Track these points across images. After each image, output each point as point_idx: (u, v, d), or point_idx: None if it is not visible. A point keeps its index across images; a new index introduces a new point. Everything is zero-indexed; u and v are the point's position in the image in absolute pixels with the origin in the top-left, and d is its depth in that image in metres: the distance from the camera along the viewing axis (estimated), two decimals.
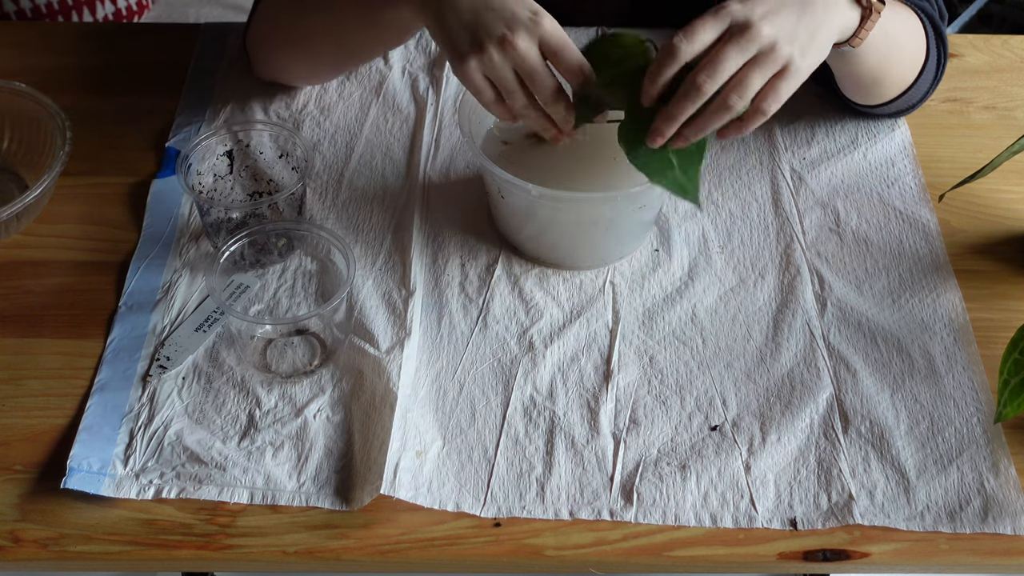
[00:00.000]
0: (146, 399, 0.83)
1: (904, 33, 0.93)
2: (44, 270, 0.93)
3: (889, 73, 0.95)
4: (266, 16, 1.02)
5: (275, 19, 1.02)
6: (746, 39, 0.75)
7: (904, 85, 0.98)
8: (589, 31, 1.16)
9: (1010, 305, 0.91)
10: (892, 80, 0.97)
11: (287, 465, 0.79)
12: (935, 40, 0.98)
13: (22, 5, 1.63)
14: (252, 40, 1.05)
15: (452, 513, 0.77)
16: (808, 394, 0.83)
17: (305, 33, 0.99)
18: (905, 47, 0.94)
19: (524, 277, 0.92)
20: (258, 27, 1.03)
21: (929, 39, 0.97)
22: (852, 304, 0.90)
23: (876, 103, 1.00)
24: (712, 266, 0.93)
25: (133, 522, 0.76)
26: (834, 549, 0.75)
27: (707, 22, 0.77)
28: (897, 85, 0.98)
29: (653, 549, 0.75)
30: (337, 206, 0.98)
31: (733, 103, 0.76)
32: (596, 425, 0.81)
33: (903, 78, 0.97)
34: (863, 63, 0.91)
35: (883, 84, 0.97)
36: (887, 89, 0.98)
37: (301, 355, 0.86)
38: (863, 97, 1.00)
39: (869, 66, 0.92)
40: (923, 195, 0.99)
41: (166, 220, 0.96)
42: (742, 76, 0.76)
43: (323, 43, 0.98)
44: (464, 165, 1.02)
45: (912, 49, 0.95)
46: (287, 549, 0.75)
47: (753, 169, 1.01)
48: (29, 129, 0.99)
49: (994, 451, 0.80)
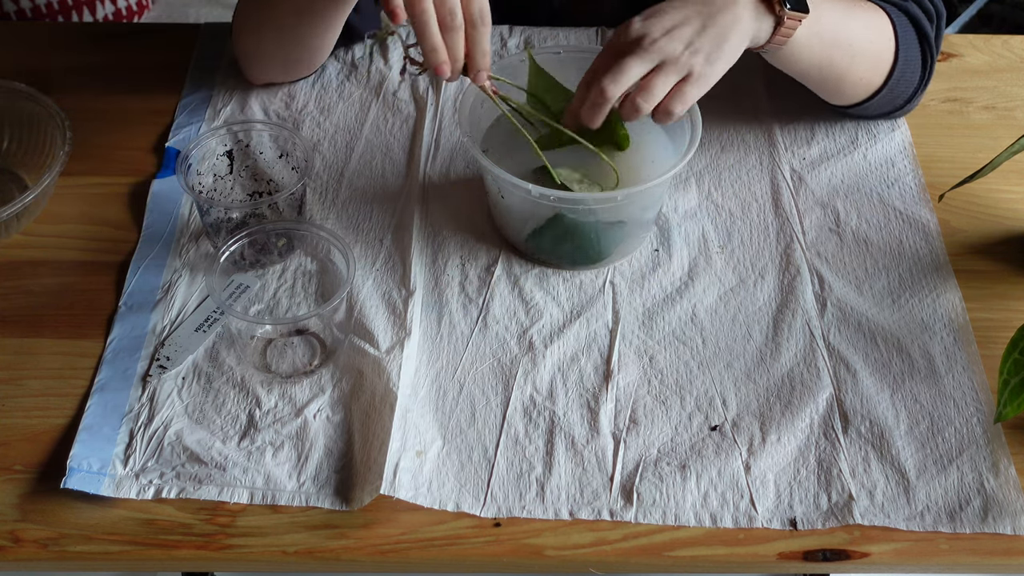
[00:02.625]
0: (146, 399, 0.83)
1: (854, 35, 0.94)
2: (44, 270, 0.93)
3: (841, 75, 0.96)
4: (236, 22, 1.05)
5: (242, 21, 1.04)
6: (646, 51, 0.82)
7: (869, 86, 0.98)
8: (589, 31, 1.16)
9: (1010, 305, 0.91)
10: (851, 81, 0.97)
11: (287, 465, 0.79)
12: (916, 41, 0.98)
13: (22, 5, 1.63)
14: (235, 46, 1.06)
15: (452, 513, 0.77)
16: (808, 394, 0.83)
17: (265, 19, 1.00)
18: (858, 49, 0.94)
19: (524, 277, 0.92)
20: (234, 33, 1.05)
21: (903, 37, 0.96)
22: (852, 304, 0.90)
23: (847, 104, 1.01)
24: (712, 266, 0.93)
25: (133, 522, 0.76)
26: (834, 549, 0.75)
27: (607, 50, 0.85)
28: (860, 86, 0.98)
29: (653, 549, 0.75)
30: (337, 206, 0.98)
31: (639, 106, 0.83)
32: (596, 425, 0.81)
33: (864, 79, 0.97)
34: (796, 65, 0.93)
35: (841, 84, 0.97)
36: (850, 89, 0.98)
37: (301, 355, 0.86)
38: (829, 98, 1.00)
39: (806, 67, 0.94)
40: (923, 195, 0.99)
41: (166, 220, 0.96)
42: (646, 82, 0.83)
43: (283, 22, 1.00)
44: (464, 165, 1.02)
45: (872, 50, 0.95)
46: (287, 549, 0.75)
47: (753, 169, 1.01)
48: (29, 129, 0.99)
49: (994, 451, 0.80)
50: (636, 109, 0.84)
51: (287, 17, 0.98)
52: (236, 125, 0.97)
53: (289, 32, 1.00)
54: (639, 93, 0.83)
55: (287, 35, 1.01)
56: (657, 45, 0.82)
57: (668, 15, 0.84)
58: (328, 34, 1.01)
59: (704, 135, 0.88)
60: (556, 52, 0.95)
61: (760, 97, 1.08)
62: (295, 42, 1.02)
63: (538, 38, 1.15)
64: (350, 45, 1.13)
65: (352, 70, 1.11)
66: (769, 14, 0.86)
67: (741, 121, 1.05)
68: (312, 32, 1.00)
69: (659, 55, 0.82)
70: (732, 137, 1.04)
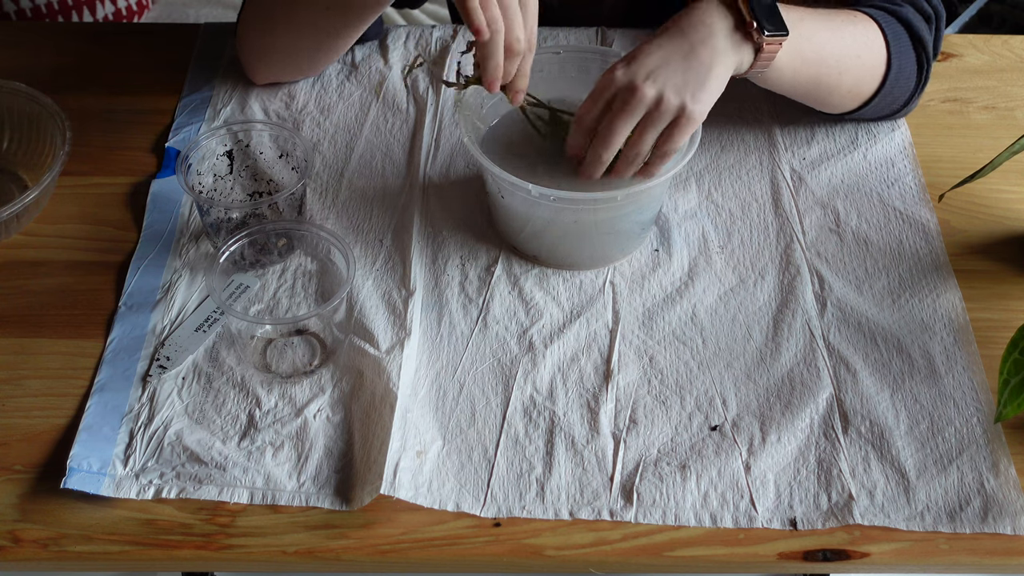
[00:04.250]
0: (146, 399, 0.83)
1: (841, 51, 0.93)
2: (44, 270, 0.93)
3: (830, 90, 0.96)
4: (246, 18, 1.04)
5: (253, 18, 1.03)
6: (632, 105, 0.83)
7: (862, 94, 0.98)
8: (589, 31, 1.16)
9: (1010, 305, 0.91)
10: (841, 94, 0.97)
11: (287, 465, 0.79)
12: (911, 45, 0.98)
13: (22, 5, 1.63)
14: (239, 45, 1.06)
15: (452, 513, 0.77)
16: (808, 394, 0.83)
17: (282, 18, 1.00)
18: (845, 65, 0.94)
19: (524, 277, 0.92)
20: (241, 31, 1.05)
21: (895, 46, 0.96)
22: (852, 304, 0.90)
23: (844, 111, 1.01)
24: (712, 266, 0.93)
25: (133, 522, 0.76)
26: (834, 549, 0.75)
27: (594, 97, 0.85)
28: (850, 98, 0.98)
29: (653, 549, 0.75)
30: (337, 206, 0.98)
31: (632, 158, 0.86)
32: (596, 425, 0.81)
33: (854, 92, 0.97)
34: (782, 85, 0.94)
35: (831, 97, 0.97)
36: (840, 100, 0.98)
37: (301, 355, 0.86)
38: (821, 109, 1.01)
39: (792, 86, 0.94)
40: (923, 195, 0.99)
41: (166, 220, 0.96)
42: (637, 136, 0.84)
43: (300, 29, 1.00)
44: (464, 165, 1.02)
45: (860, 64, 0.95)
46: (287, 549, 0.75)
47: (753, 169, 1.01)
48: (29, 129, 0.99)
49: (994, 451, 0.80)
50: (630, 162, 0.86)
51: (315, 16, 0.98)
52: (236, 125, 0.97)
53: (309, 30, 1.00)
54: (631, 147, 0.85)
55: (306, 34, 1.01)
56: (640, 96, 0.82)
57: (649, 57, 0.84)
58: (352, 35, 1.01)
59: (704, 135, 0.88)
60: (556, 52, 0.95)
61: (760, 97, 1.08)
62: (314, 42, 1.02)
63: (538, 38, 1.15)
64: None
65: (352, 70, 1.11)
66: (747, 42, 0.86)
67: (741, 121, 1.06)
68: (337, 33, 1.00)
69: (644, 106, 0.83)
70: (732, 137, 1.04)
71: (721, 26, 0.85)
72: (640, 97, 0.83)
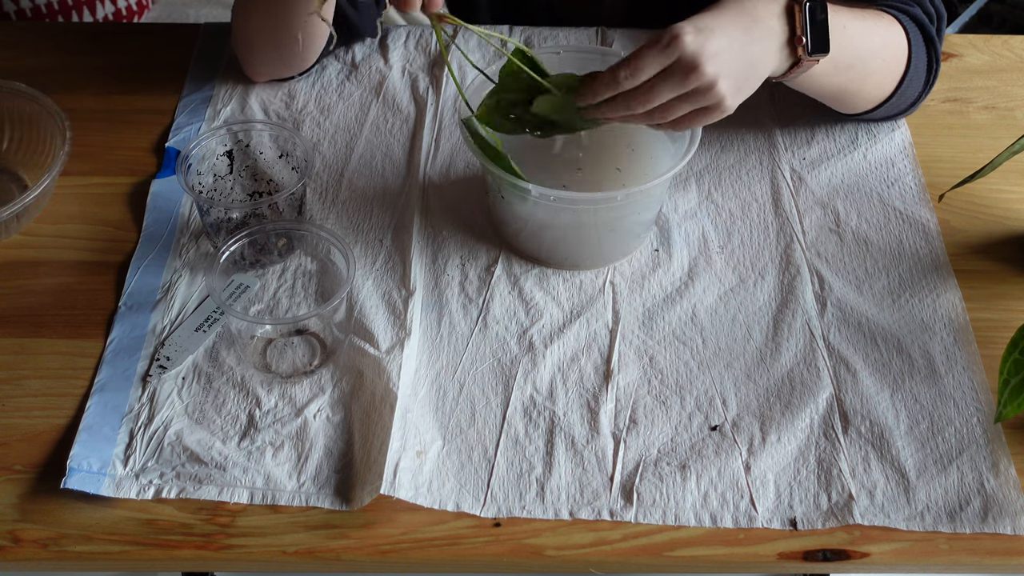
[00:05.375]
0: (146, 399, 0.83)
1: (869, 54, 0.93)
2: (44, 270, 0.93)
3: (854, 93, 0.96)
4: (232, 13, 1.05)
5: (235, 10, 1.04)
6: (688, 79, 0.79)
7: (881, 96, 0.98)
8: (589, 31, 1.16)
9: (1010, 305, 0.91)
10: (863, 96, 0.97)
11: (287, 465, 0.79)
12: (924, 46, 0.98)
13: (22, 5, 1.63)
14: (232, 40, 1.07)
15: (452, 513, 0.77)
16: (808, 394, 0.83)
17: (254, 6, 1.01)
18: (872, 68, 0.94)
19: (524, 277, 0.92)
20: (233, 27, 1.05)
21: (915, 47, 0.96)
22: (852, 304, 0.90)
23: (857, 112, 1.01)
24: (712, 266, 0.93)
25: (133, 522, 0.76)
26: (834, 549, 0.75)
27: (654, 55, 0.79)
28: (871, 98, 0.98)
29: (653, 549, 0.75)
30: (337, 206, 0.98)
31: (654, 120, 0.83)
32: (596, 425, 0.81)
33: (876, 91, 0.97)
34: (809, 89, 0.93)
35: (853, 99, 0.98)
36: (861, 102, 0.98)
37: (301, 355, 0.86)
38: (838, 110, 1.01)
39: (818, 91, 0.94)
40: (923, 195, 0.99)
41: (166, 220, 0.96)
42: (671, 104, 0.81)
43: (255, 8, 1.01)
44: (464, 165, 1.02)
45: (886, 64, 0.95)
46: (287, 549, 0.75)
47: (753, 169, 1.01)
48: (29, 129, 0.99)
49: (994, 451, 0.80)
50: (648, 120, 0.83)
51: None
52: (236, 125, 0.97)
53: (274, 14, 1.00)
54: (660, 112, 0.82)
55: (274, 20, 1.01)
56: (700, 74, 0.79)
57: (716, 36, 0.80)
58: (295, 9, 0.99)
59: (704, 135, 0.88)
60: (556, 52, 0.95)
61: (761, 97, 1.07)
62: (284, 27, 1.01)
63: (538, 38, 1.15)
64: (350, 45, 1.13)
65: (352, 70, 1.11)
66: (792, 55, 0.85)
67: (741, 121, 1.05)
68: (295, 11, 0.99)
69: (696, 83, 0.79)
70: (732, 137, 1.04)
71: (778, 32, 0.83)
72: (699, 75, 0.79)
